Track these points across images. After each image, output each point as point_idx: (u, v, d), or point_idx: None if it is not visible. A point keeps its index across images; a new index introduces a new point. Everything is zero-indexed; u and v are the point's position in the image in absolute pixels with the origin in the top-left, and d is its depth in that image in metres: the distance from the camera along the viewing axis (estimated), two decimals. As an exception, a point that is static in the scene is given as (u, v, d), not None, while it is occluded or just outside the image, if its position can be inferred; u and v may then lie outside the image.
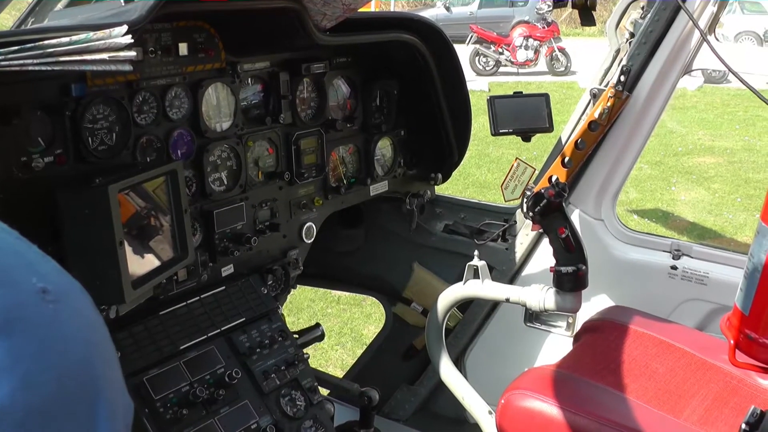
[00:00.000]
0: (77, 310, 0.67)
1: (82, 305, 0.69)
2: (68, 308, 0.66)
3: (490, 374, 3.77)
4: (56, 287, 0.65)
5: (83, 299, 0.70)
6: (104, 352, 0.69)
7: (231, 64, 2.88)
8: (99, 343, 0.69)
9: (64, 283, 0.69)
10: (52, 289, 0.64)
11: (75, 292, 0.69)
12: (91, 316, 0.70)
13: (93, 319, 0.70)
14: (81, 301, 0.70)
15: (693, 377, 2.82)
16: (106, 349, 0.70)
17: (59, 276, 0.69)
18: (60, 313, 0.64)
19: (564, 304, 2.95)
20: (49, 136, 2.33)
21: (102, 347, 0.69)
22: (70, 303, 0.67)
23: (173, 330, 2.69)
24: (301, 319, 6.26)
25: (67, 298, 0.67)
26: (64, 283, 0.68)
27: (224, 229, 2.91)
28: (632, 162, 3.55)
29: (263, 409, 2.75)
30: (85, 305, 0.70)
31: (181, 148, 2.76)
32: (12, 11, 4.91)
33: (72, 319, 0.65)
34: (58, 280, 0.67)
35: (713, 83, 18.64)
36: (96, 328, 0.70)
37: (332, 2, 2.73)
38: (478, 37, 21.50)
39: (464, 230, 3.86)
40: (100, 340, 0.69)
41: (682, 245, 3.44)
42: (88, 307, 0.70)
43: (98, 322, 0.71)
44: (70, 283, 0.70)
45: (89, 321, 0.69)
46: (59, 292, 0.65)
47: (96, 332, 0.69)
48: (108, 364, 0.69)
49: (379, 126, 3.57)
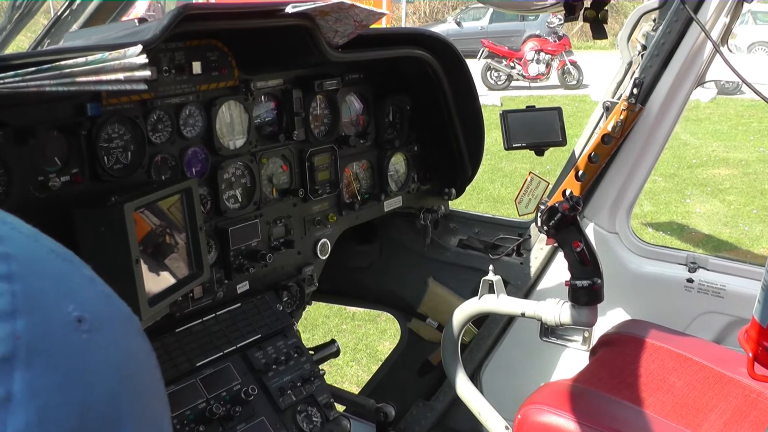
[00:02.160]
0: (115, 340, 0.64)
1: (123, 334, 0.66)
2: (104, 338, 0.62)
3: (506, 389, 3.76)
4: (95, 316, 0.62)
5: (126, 326, 0.67)
6: (139, 384, 0.65)
7: (244, 81, 2.90)
8: (134, 374, 0.65)
9: (107, 310, 0.66)
10: (89, 318, 0.61)
11: (118, 320, 0.67)
12: (132, 346, 0.67)
13: (132, 349, 0.67)
14: (122, 329, 0.66)
15: (711, 391, 2.80)
16: (142, 380, 0.66)
17: (103, 303, 0.66)
18: (93, 344, 0.60)
19: (580, 318, 2.94)
20: (65, 155, 2.34)
21: (137, 379, 0.65)
22: (107, 332, 0.63)
23: (189, 347, 2.69)
24: (316, 335, 6.25)
25: (106, 327, 0.63)
26: (106, 310, 0.65)
27: (239, 246, 2.92)
28: (646, 174, 3.53)
29: (279, 425, 2.75)
30: (127, 333, 0.67)
31: (195, 166, 2.77)
32: (28, 33, 4.96)
33: (106, 350, 0.62)
34: (100, 308, 0.64)
35: (727, 94, 18.57)
36: (134, 357, 0.66)
37: (344, 19, 2.75)
38: (489, 51, 21.50)
39: (479, 245, 3.86)
40: (137, 371, 0.66)
41: (698, 258, 3.43)
42: (130, 336, 0.67)
43: (139, 350, 0.68)
44: (115, 309, 0.67)
45: (127, 351, 0.65)
46: (97, 320, 0.62)
47: (133, 363, 0.66)
48: (140, 397, 0.65)
49: (392, 141, 3.58)
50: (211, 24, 2.57)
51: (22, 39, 9.03)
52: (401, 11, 27.37)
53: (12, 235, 0.62)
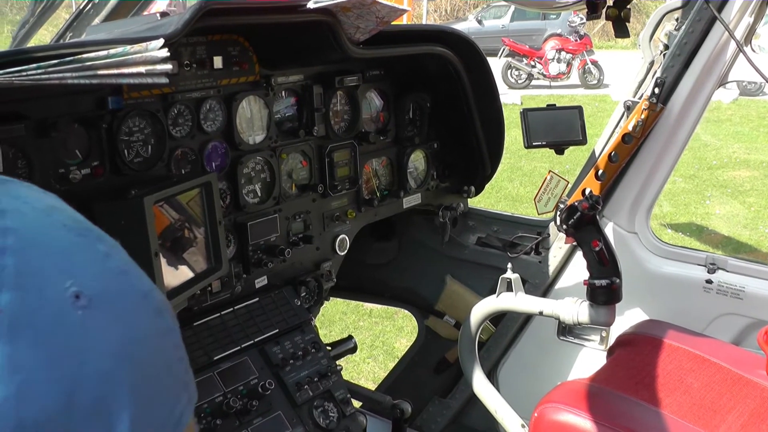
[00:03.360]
0: (120, 318, 0.61)
1: (132, 311, 0.64)
2: (105, 315, 0.60)
3: (523, 387, 3.75)
4: (98, 292, 0.60)
5: (138, 305, 0.65)
6: (144, 365, 0.62)
7: (265, 77, 2.91)
8: (138, 354, 0.62)
9: (117, 287, 0.63)
10: (88, 294, 0.59)
11: (129, 297, 0.64)
12: (141, 324, 0.64)
13: (141, 327, 0.64)
14: (131, 307, 0.64)
15: (729, 392, 2.79)
16: (148, 361, 0.63)
17: (113, 280, 0.63)
18: (89, 321, 0.58)
19: (597, 318, 2.93)
20: (86, 148, 2.36)
21: (142, 359, 0.62)
22: (111, 309, 0.61)
23: (207, 341, 2.71)
24: (333, 331, 6.26)
25: (110, 304, 0.61)
26: (115, 287, 0.63)
27: (258, 240, 2.93)
28: (666, 175, 3.51)
29: (296, 420, 2.75)
30: (137, 311, 0.64)
31: (215, 160, 2.78)
32: (50, 27, 5.00)
33: (105, 328, 0.60)
34: (107, 285, 0.62)
35: (749, 96, 18.42)
36: (141, 337, 0.63)
37: (366, 15, 2.75)
38: (510, 50, 21.44)
39: (497, 243, 3.85)
40: (142, 351, 0.63)
41: (717, 259, 3.41)
42: (141, 314, 0.65)
43: (149, 330, 0.65)
44: (128, 286, 0.65)
45: (133, 330, 0.63)
46: (100, 297, 0.60)
47: (139, 343, 0.63)
48: (144, 379, 0.62)
49: (412, 138, 3.57)
50: (232, 19, 2.58)
51: (44, 33, 9.07)
52: (422, 8, 27.31)
53: (20, 209, 0.61)
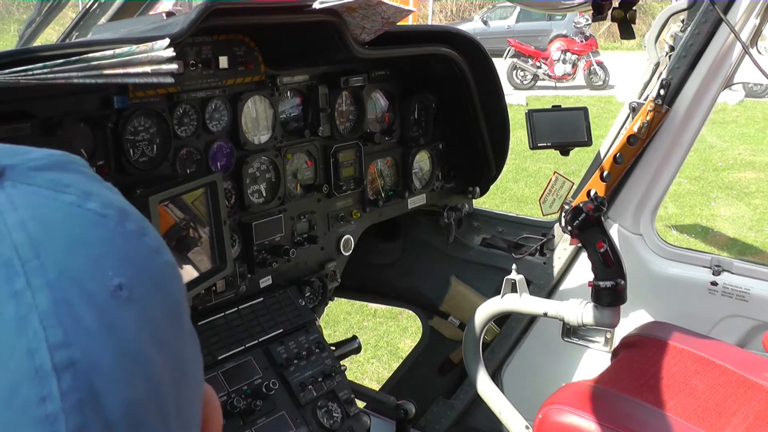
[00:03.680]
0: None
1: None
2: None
3: (527, 389, 3.75)
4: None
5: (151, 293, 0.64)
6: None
7: (270, 77, 2.91)
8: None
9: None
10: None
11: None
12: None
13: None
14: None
15: (734, 395, 2.78)
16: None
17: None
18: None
19: (602, 319, 2.93)
20: (92, 147, 2.36)
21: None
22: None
23: (211, 340, 2.71)
24: (337, 331, 6.26)
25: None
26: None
27: (263, 240, 2.93)
28: (672, 176, 3.51)
29: (300, 420, 2.75)
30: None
31: (220, 160, 2.79)
32: (56, 26, 5.00)
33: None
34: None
35: (754, 97, 18.39)
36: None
37: (371, 16, 2.75)
38: (515, 51, 21.44)
39: (502, 244, 3.85)
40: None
41: (722, 261, 3.40)
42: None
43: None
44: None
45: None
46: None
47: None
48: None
49: (417, 139, 3.57)
50: (238, 19, 2.58)
51: (51, 32, 9.10)
52: (428, 9, 27.30)
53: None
